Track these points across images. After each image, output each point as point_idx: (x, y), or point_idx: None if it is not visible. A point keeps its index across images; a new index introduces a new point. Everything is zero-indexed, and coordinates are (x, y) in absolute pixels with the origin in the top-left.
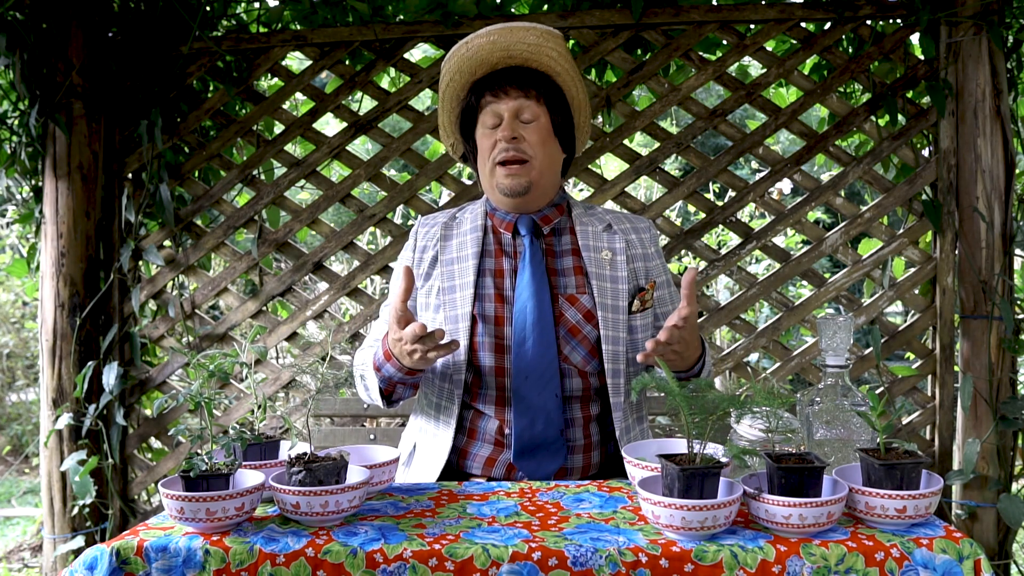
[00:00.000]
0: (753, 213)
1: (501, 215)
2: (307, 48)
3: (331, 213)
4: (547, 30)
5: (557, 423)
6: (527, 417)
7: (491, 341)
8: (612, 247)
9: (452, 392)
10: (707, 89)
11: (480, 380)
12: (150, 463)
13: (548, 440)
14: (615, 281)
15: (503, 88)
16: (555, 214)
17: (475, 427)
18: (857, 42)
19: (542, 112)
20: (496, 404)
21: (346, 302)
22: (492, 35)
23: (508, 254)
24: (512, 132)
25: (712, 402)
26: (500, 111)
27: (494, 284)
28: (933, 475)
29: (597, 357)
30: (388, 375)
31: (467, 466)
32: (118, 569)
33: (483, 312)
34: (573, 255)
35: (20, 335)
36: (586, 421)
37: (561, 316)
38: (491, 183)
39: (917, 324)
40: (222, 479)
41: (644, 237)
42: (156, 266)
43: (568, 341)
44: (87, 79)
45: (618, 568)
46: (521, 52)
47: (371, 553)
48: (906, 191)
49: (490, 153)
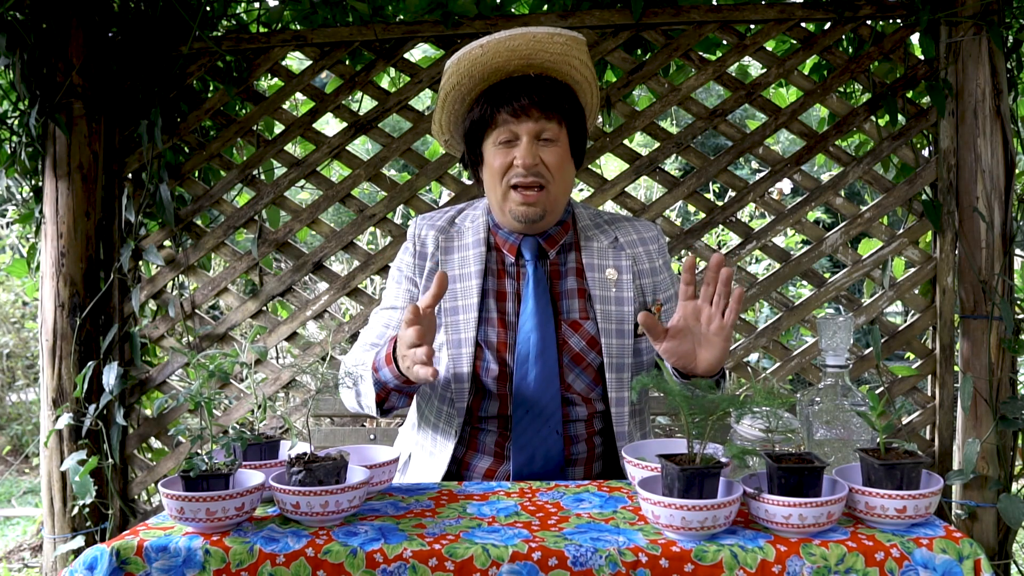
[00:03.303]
0: (753, 213)
1: (504, 235)
2: (307, 48)
3: (331, 213)
4: (572, 36)
5: (557, 460)
6: (526, 453)
7: (494, 368)
8: (618, 265)
9: (452, 414)
10: (707, 89)
11: (480, 406)
12: (150, 463)
13: (548, 473)
14: (620, 303)
15: (525, 109)
16: (561, 233)
17: (476, 440)
18: (857, 42)
19: (562, 134)
20: (498, 424)
21: (346, 302)
22: (514, 40)
23: (511, 275)
24: (533, 160)
25: (712, 402)
26: (518, 132)
27: (497, 308)
28: (933, 475)
29: (601, 384)
30: (384, 380)
31: (466, 477)
32: (118, 569)
33: (486, 338)
34: (577, 276)
35: (20, 335)
36: (590, 436)
37: (564, 344)
38: (503, 206)
39: (917, 324)
40: (222, 479)
41: (651, 249)
42: (156, 266)
43: (572, 369)
44: (87, 79)
45: (618, 568)
46: (543, 61)
47: (371, 553)
48: (906, 191)
49: (503, 173)
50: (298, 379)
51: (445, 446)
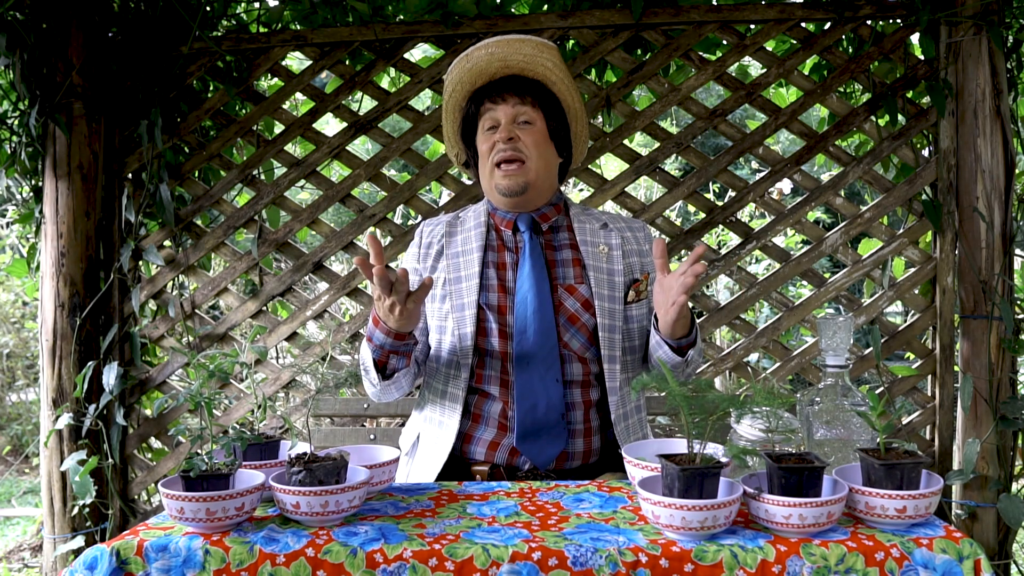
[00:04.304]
0: (753, 213)
1: (502, 214)
2: (307, 48)
3: (331, 213)
4: (542, 42)
5: (558, 407)
6: (529, 401)
7: (495, 328)
8: (608, 242)
9: (459, 377)
10: (707, 89)
11: (484, 365)
12: (150, 463)
13: (550, 423)
14: (611, 273)
15: (501, 95)
16: (553, 212)
17: (480, 411)
18: (857, 42)
19: (538, 117)
20: (500, 387)
21: (346, 302)
22: (490, 47)
23: (510, 249)
24: (509, 133)
25: (712, 402)
26: (498, 116)
27: (497, 276)
28: (933, 475)
29: (595, 344)
30: (379, 343)
31: (471, 451)
32: (118, 569)
33: (488, 301)
34: (571, 248)
35: (20, 335)
36: (586, 407)
37: (560, 305)
38: (490, 184)
39: (917, 324)
40: (222, 479)
41: (639, 235)
42: (156, 266)
43: (568, 328)
44: (87, 79)
45: (618, 568)
46: (518, 62)
47: (371, 553)
48: (906, 191)
49: (489, 155)
50: (298, 379)
51: (454, 411)
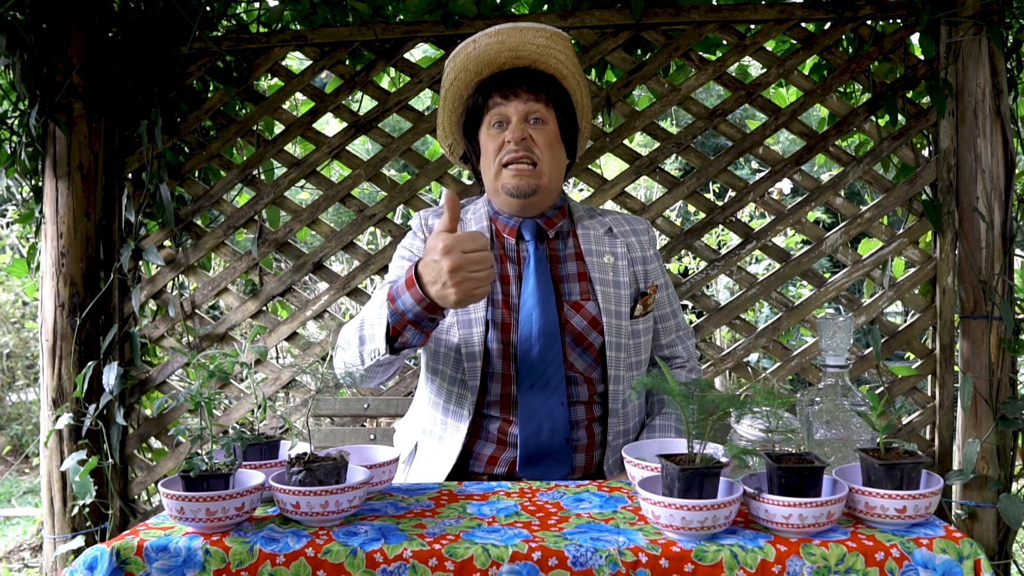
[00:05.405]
0: (753, 213)
1: (504, 219)
2: (307, 48)
3: (331, 213)
4: (556, 32)
5: (563, 431)
6: (533, 425)
7: (499, 348)
8: (614, 251)
9: (464, 396)
10: (707, 89)
11: (487, 388)
12: (150, 463)
13: (554, 448)
14: (618, 287)
15: (513, 90)
16: (559, 217)
17: (481, 427)
18: (857, 42)
19: (550, 115)
20: (503, 407)
21: (346, 302)
22: (501, 34)
23: (512, 259)
24: (522, 133)
25: (712, 402)
26: (508, 113)
27: (501, 291)
28: (933, 475)
29: (601, 364)
30: (403, 309)
31: (470, 465)
32: (118, 569)
33: (494, 318)
34: (577, 260)
35: (20, 335)
36: (590, 422)
37: (567, 323)
38: (496, 184)
39: (917, 324)
40: (222, 479)
41: (643, 240)
42: (156, 266)
43: (574, 348)
44: (87, 79)
45: (618, 568)
46: (530, 53)
47: (371, 553)
48: (906, 191)
49: (496, 154)
50: (298, 379)
51: (457, 428)
